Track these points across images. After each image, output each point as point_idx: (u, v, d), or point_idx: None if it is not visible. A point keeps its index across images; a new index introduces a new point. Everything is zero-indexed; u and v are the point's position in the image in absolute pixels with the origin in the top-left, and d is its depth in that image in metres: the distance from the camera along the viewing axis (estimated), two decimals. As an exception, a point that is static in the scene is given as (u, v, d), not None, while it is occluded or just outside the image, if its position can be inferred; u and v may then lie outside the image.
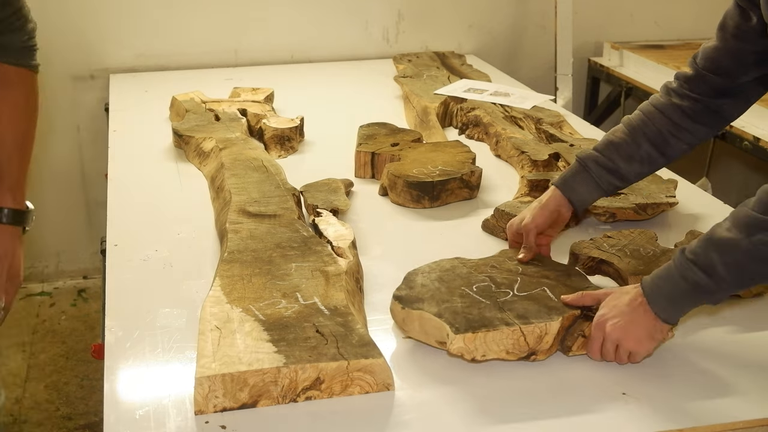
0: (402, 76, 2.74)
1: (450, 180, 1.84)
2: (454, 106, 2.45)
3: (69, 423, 2.47)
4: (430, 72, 2.79)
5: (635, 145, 1.45)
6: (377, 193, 1.92)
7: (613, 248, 1.51)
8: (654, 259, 1.48)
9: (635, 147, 1.45)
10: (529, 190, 1.83)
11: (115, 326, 1.36)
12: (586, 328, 1.27)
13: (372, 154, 2.01)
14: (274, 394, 1.15)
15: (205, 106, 2.35)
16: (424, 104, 2.42)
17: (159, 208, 1.83)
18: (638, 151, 1.45)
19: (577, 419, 1.15)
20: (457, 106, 2.44)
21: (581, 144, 2.05)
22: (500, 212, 1.68)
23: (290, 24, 3.15)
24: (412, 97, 2.51)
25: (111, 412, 1.15)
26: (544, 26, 3.37)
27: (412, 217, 1.81)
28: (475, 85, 2.61)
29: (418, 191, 1.82)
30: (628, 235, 1.57)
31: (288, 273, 1.39)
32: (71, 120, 3.06)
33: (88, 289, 3.20)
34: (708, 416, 1.16)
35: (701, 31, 3.54)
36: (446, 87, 2.58)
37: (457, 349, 1.21)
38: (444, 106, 2.44)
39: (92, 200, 3.14)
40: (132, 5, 2.99)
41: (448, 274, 1.38)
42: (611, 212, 1.71)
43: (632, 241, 1.54)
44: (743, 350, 1.32)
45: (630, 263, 1.46)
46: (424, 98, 2.46)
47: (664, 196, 1.76)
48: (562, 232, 1.66)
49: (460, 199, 1.87)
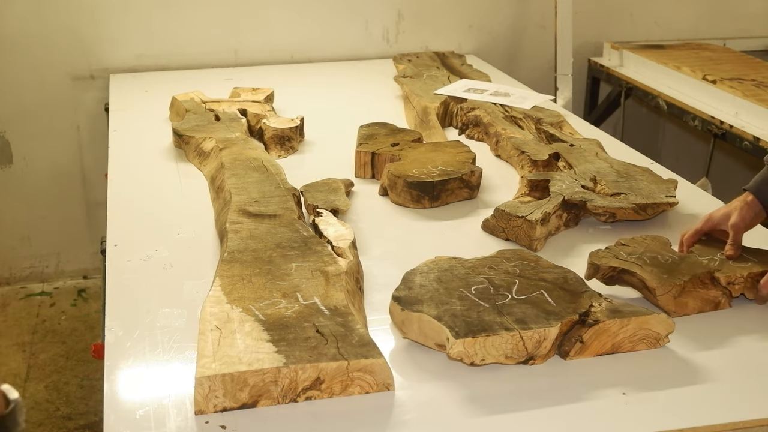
0: (402, 76, 2.74)
1: (450, 180, 1.84)
2: (454, 106, 2.45)
3: (69, 423, 2.48)
4: (430, 72, 2.79)
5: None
6: (377, 193, 1.92)
7: (631, 256, 1.48)
8: (674, 266, 1.45)
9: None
10: (529, 190, 1.83)
11: (115, 326, 1.36)
12: (584, 333, 1.27)
13: (372, 154, 2.01)
14: (274, 394, 1.15)
15: (205, 106, 2.35)
16: (424, 104, 2.42)
17: (159, 208, 1.83)
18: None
19: (577, 419, 1.15)
20: (457, 106, 2.43)
21: (581, 144, 2.05)
22: (500, 212, 1.67)
23: (290, 24, 3.15)
24: (412, 97, 2.50)
25: (111, 412, 1.15)
26: (544, 26, 3.37)
27: (412, 217, 1.81)
28: (475, 85, 2.61)
29: (419, 191, 1.82)
30: (641, 241, 1.54)
31: (288, 273, 1.39)
32: (71, 120, 3.06)
33: (88, 289, 3.20)
34: (708, 416, 1.16)
35: (701, 31, 3.55)
36: (446, 87, 2.57)
37: (457, 354, 1.20)
38: (444, 106, 2.44)
39: (92, 200, 3.14)
40: (132, 5, 2.99)
41: (446, 274, 1.38)
42: (611, 212, 1.70)
43: (648, 247, 1.51)
44: (743, 350, 1.32)
45: (653, 271, 1.43)
46: (424, 98, 2.46)
47: (664, 196, 1.75)
48: (561, 232, 1.67)
49: (460, 199, 1.87)
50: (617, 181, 1.81)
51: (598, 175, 1.84)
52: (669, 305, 1.40)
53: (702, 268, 1.44)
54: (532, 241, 1.62)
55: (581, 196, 1.72)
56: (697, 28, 3.54)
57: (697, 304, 1.42)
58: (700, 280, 1.43)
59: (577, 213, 1.74)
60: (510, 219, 1.65)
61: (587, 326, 1.27)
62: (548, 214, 1.65)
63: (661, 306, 1.40)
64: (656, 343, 1.31)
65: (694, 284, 1.42)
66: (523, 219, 1.62)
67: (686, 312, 1.41)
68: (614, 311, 1.29)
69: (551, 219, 1.67)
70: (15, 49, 2.94)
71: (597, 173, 1.85)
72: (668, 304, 1.40)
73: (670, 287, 1.40)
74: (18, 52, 2.94)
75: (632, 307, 1.31)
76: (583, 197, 1.72)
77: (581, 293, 1.34)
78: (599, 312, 1.29)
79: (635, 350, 1.30)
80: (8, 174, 3.07)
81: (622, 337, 1.29)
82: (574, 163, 1.92)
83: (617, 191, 1.76)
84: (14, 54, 2.94)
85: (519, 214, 1.63)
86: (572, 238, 1.64)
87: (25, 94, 2.99)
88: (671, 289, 1.40)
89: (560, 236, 1.68)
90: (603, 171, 1.86)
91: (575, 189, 1.76)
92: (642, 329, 1.29)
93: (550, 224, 1.67)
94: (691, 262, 1.47)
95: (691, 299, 1.42)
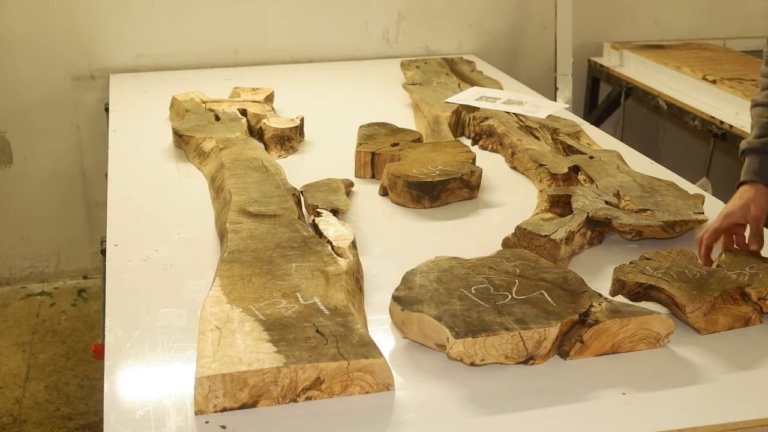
0: (411, 83, 2.67)
1: (450, 180, 1.83)
2: (466, 116, 2.37)
3: (69, 423, 2.48)
4: (439, 79, 2.73)
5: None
6: (377, 193, 1.91)
7: (658, 271, 1.42)
8: (703, 281, 1.39)
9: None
10: (549, 205, 1.74)
11: (115, 326, 1.36)
12: (584, 333, 1.27)
13: (372, 154, 2.00)
14: (274, 394, 1.15)
15: (205, 106, 2.35)
16: (436, 113, 2.34)
17: (159, 208, 1.83)
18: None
19: (577, 419, 1.15)
20: (470, 116, 2.35)
21: (601, 156, 1.97)
22: (522, 231, 1.57)
23: (290, 24, 3.15)
24: (423, 106, 2.43)
25: (111, 412, 1.15)
26: (544, 26, 3.37)
27: (412, 217, 1.80)
28: (486, 93, 2.52)
29: (418, 191, 1.82)
30: (667, 255, 1.48)
31: (288, 273, 1.39)
32: (71, 120, 3.06)
33: (88, 289, 3.20)
34: (708, 416, 1.16)
35: (701, 31, 3.55)
36: (457, 95, 2.50)
37: (457, 354, 1.20)
38: (456, 116, 2.36)
39: (92, 200, 3.15)
40: (132, 5, 2.99)
41: (446, 274, 1.38)
42: (638, 230, 1.62)
43: (674, 262, 1.45)
44: (743, 350, 1.32)
45: (681, 287, 1.37)
46: (435, 107, 2.39)
47: (692, 213, 1.68)
48: (587, 249, 1.64)
49: (460, 199, 1.87)
50: (642, 196, 1.74)
51: (622, 189, 1.78)
52: (699, 322, 1.35)
53: (732, 283, 1.38)
54: (556, 261, 1.53)
55: (606, 213, 1.65)
56: (697, 28, 3.54)
57: (727, 321, 1.36)
58: (730, 296, 1.37)
59: (602, 230, 1.66)
60: (532, 238, 1.55)
61: (587, 326, 1.27)
62: (572, 232, 1.58)
63: (691, 323, 1.35)
64: (656, 343, 1.31)
65: (724, 300, 1.37)
66: (547, 238, 1.54)
67: (716, 329, 1.36)
68: (614, 311, 1.29)
69: (575, 237, 1.60)
70: (15, 49, 2.94)
71: (620, 187, 1.78)
72: (698, 322, 1.35)
73: (700, 304, 1.34)
74: (18, 52, 2.94)
75: (632, 307, 1.31)
76: (607, 214, 1.65)
77: (581, 293, 1.34)
78: (599, 312, 1.29)
79: (635, 350, 1.30)
80: (8, 174, 3.07)
81: (622, 337, 1.29)
82: (595, 176, 1.85)
83: (643, 207, 1.69)
84: (14, 54, 2.94)
85: (542, 233, 1.55)
86: (597, 257, 1.59)
87: (25, 94, 2.99)
88: (701, 306, 1.34)
89: (584, 255, 1.62)
90: (626, 185, 1.80)
91: (599, 205, 1.69)
92: (642, 329, 1.29)
93: (574, 243, 1.60)
94: (720, 277, 1.41)
95: (722, 316, 1.36)
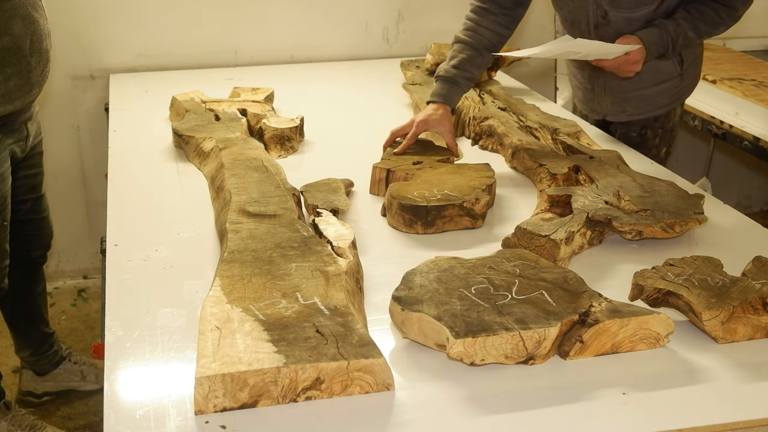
0: (411, 83, 2.66)
1: (447, 206, 1.70)
2: (466, 116, 2.36)
3: (69, 423, 2.48)
4: None
5: (481, 57, 2.14)
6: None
7: (679, 278, 1.40)
8: (725, 290, 1.37)
9: (481, 58, 2.15)
10: (549, 205, 1.74)
11: (115, 326, 1.36)
12: (584, 333, 1.27)
13: (387, 171, 1.91)
14: (274, 394, 1.15)
15: (205, 106, 2.35)
16: None
17: (159, 208, 1.83)
18: (483, 60, 2.16)
19: (577, 419, 1.15)
20: (470, 116, 2.35)
21: (601, 156, 1.98)
22: (522, 231, 1.58)
23: (290, 24, 3.15)
24: (423, 106, 2.36)
25: (111, 412, 1.15)
26: (544, 26, 3.37)
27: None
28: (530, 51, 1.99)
29: (411, 215, 1.70)
30: (692, 262, 1.46)
31: (288, 273, 1.39)
32: (71, 120, 3.06)
33: (88, 289, 3.20)
34: (708, 416, 1.16)
35: (701, 31, 3.53)
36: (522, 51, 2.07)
37: (457, 354, 1.20)
38: (456, 116, 2.35)
39: (92, 200, 3.15)
40: (132, 5, 2.99)
41: (446, 274, 1.38)
42: (638, 230, 1.63)
43: (698, 269, 1.44)
44: (743, 350, 1.32)
45: (701, 295, 1.35)
46: None
47: (692, 213, 1.68)
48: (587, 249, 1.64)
49: (460, 227, 1.72)
50: (642, 196, 1.75)
51: (622, 189, 1.77)
52: (716, 331, 1.33)
53: (754, 293, 1.36)
54: (556, 262, 1.53)
55: (606, 213, 1.66)
56: (697, 28, 3.52)
57: (747, 331, 1.34)
58: (751, 306, 1.35)
59: (602, 230, 1.67)
60: (532, 238, 1.56)
61: (587, 326, 1.27)
62: (572, 232, 1.58)
63: (708, 332, 1.33)
64: (656, 343, 1.31)
65: (744, 309, 1.34)
66: (547, 238, 1.54)
67: (735, 339, 1.34)
68: (614, 311, 1.29)
69: (575, 237, 1.60)
70: (15, 49, 2.94)
71: (620, 188, 1.78)
72: (715, 330, 1.33)
73: (718, 312, 1.32)
74: (18, 52, 2.94)
75: (632, 307, 1.31)
76: (608, 214, 1.65)
77: (581, 293, 1.34)
78: (599, 312, 1.29)
79: (635, 350, 1.30)
80: (8, 174, 3.07)
81: (622, 337, 1.29)
82: (595, 176, 1.85)
83: (643, 207, 1.69)
84: (14, 54, 2.94)
85: (542, 233, 1.55)
86: (597, 257, 1.59)
87: (25, 94, 2.99)
88: (719, 314, 1.32)
89: (584, 255, 1.62)
90: (626, 185, 1.80)
91: (599, 205, 1.69)
92: (642, 329, 1.29)
93: (574, 243, 1.60)
94: (743, 286, 1.38)
95: (741, 325, 1.34)
